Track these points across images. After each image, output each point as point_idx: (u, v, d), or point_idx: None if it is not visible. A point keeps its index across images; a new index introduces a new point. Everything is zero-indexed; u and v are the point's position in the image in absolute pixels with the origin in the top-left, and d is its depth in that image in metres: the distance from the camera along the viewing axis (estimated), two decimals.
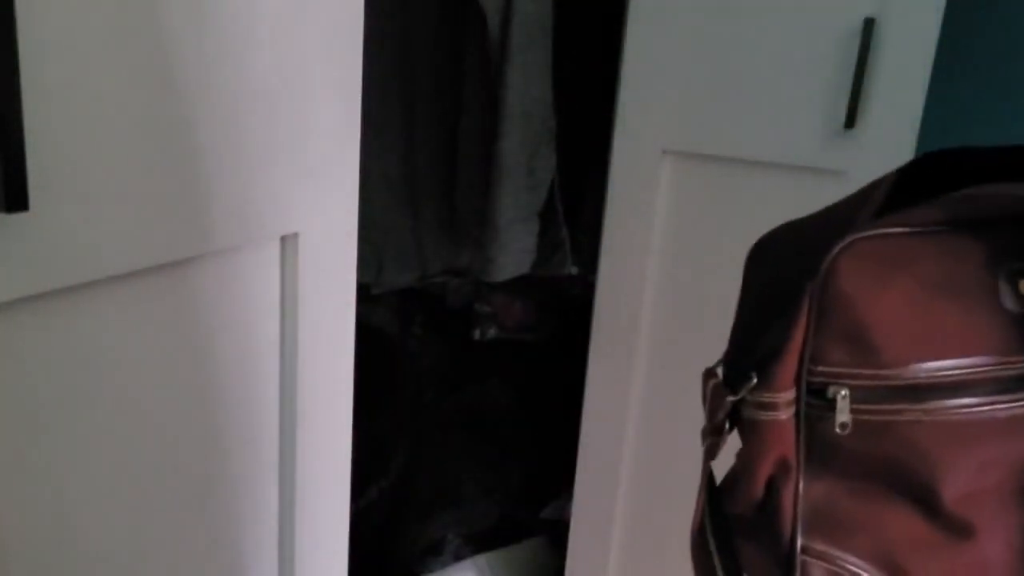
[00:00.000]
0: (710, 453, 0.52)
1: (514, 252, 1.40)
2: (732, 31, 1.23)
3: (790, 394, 0.48)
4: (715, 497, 0.54)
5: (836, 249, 0.46)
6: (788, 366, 0.47)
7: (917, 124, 1.18)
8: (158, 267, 0.70)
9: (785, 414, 0.48)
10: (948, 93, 1.29)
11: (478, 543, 1.70)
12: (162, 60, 0.65)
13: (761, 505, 0.50)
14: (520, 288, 1.62)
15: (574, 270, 1.51)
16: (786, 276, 0.49)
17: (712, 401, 0.51)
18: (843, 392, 0.46)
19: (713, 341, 1.30)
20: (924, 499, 0.46)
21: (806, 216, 0.54)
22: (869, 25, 1.15)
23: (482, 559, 1.68)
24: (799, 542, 0.49)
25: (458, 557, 1.68)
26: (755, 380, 0.48)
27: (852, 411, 0.46)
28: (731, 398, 0.49)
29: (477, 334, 1.70)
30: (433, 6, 1.36)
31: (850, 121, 1.18)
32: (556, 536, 1.65)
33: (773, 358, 0.47)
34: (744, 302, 0.54)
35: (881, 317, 0.45)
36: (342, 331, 0.93)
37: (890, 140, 1.19)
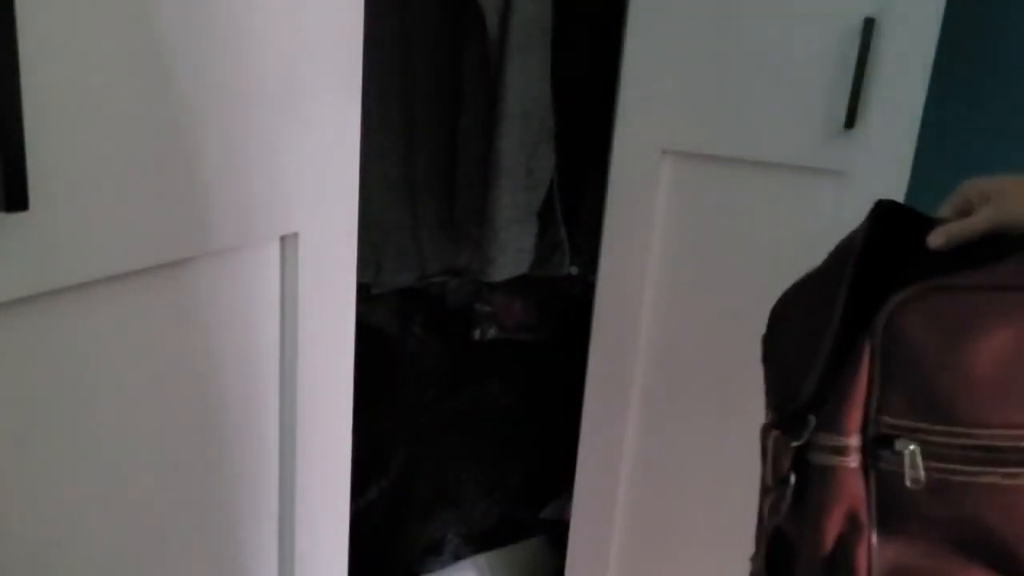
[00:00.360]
0: (775, 509, 0.51)
1: (513, 252, 1.40)
2: (732, 31, 1.23)
3: (856, 439, 0.47)
4: (775, 553, 0.53)
5: (900, 297, 0.45)
6: (853, 409, 0.47)
7: (917, 124, 1.18)
8: (158, 267, 0.70)
9: (854, 461, 0.48)
10: (948, 92, 1.29)
11: (478, 543, 1.70)
12: (162, 60, 0.65)
13: (830, 563, 0.49)
14: (520, 288, 1.62)
15: (573, 270, 1.51)
16: (820, 322, 0.49)
17: (775, 451, 0.51)
18: (911, 446, 0.46)
19: (713, 340, 1.30)
20: (1004, 560, 0.46)
21: (817, 268, 0.54)
22: (869, 25, 1.15)
23: (482, 559, 1.68)
24: None
25: (458, 557, 1.68)
26: (814, 422, 0.48)
27: (926, 468, 0.46)
28: (796, 443, 0.49)
29: (477, 334, 1.69)
30: (433, 6, 1.36)
31: (850, 121, 1.18)
32: (556, 536, 1.65)
33: (834, 401, 0.47)
34: (774, 357, 0.54)
35: (961, 375, 0.45)
36: (342, 331, 0.93)
37: (890, 140, 1.19)
